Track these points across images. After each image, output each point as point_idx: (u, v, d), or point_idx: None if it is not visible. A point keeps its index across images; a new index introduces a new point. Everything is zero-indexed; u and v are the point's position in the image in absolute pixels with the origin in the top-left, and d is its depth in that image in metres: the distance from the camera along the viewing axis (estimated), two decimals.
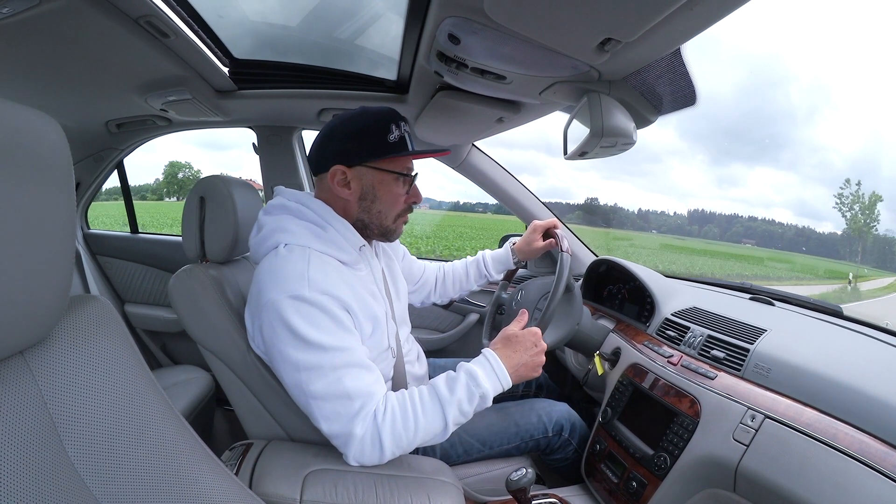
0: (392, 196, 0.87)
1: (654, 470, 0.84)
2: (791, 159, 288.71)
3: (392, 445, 0.75)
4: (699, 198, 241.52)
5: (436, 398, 0.78)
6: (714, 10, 0.56)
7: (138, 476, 0.45)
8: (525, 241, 1.22)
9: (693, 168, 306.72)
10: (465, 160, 1.66)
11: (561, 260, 0.98)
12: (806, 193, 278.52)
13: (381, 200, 0.87)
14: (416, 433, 0.76)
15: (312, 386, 0.73)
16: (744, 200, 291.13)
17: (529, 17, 0.63)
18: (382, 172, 0.85)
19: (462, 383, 0.79)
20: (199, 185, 0.98)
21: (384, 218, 0.88)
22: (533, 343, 0.85)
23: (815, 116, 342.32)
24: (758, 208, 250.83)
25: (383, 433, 0.74)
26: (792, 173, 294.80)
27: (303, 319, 0.74)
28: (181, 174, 68.09)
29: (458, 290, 1.29)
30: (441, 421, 0.77)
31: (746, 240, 61.58)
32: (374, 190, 0.86)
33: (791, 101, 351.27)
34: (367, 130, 0.83)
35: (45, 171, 0.39)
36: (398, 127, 0.84)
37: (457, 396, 0.78)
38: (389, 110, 0.86)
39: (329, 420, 0.74)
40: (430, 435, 0.78)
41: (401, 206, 0.90)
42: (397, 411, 0.76)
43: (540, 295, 1.08)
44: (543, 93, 0.93)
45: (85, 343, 0.46)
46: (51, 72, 1.16)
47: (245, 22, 1.10)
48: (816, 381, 0.73)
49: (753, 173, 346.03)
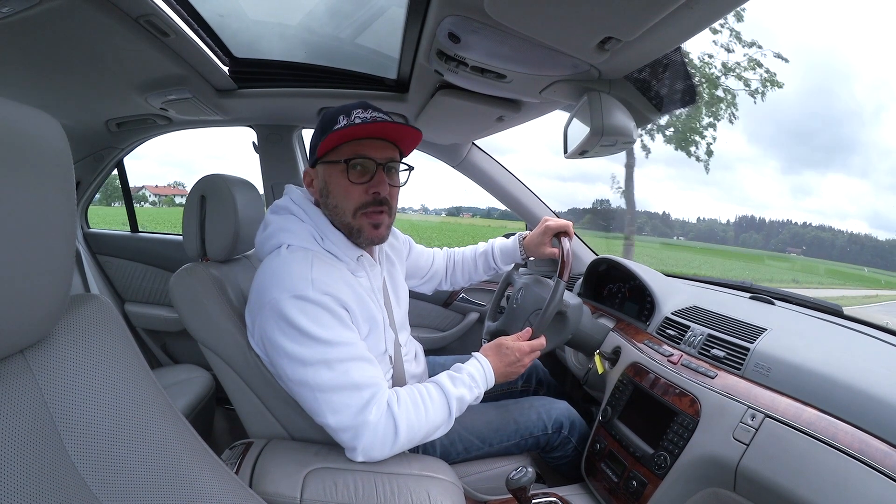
0: (341, 187, 0.83)
1: (655, 469, 0.84)
2: (862, 165, 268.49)
3: (406, 431, 0.77)
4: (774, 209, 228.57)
5: (441, 392, 0.84)
6: (714, 9, 0.56)
7: (139, 475, 0.45)
8: (534, 240, 1.19)
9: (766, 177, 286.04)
10: (465, 159, 1.66)
11: (554, 286, 0.98)
12: (880, 204, 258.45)
13: (333, 194, 0.84)
14: (426, 421, 0.80)
15: (319, 379, 0.74)
16: (819, 212, 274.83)
17: (529, 15, 0.63)
18: (329, 165, 0.84)
19: (464, 382, 0.86)
20: (200, 184, 0.98)
21: (342, 213, 0.84)
22: (518, 359, 0.94)
23: (881, 115, 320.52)
24: (833, 220, 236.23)
25: (399, 419, 0.77)
26: (865, 180, 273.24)
27: (306, 317, 0.74)
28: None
29: (467, 279, 1.31)
30: (446, 411, 0.83)
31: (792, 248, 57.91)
32: (327, 185, 0.85)
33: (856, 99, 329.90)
34: (321, 126, 0.84)
35: (45, 170, 0.39)
36: (348, 116, 0.81)
37: (460, 391, 0.84)
38: (352, 103, 0.83)
39: (337, 412, 0.74)
40: (436, 425, 0.82)
41: (356, 198, 0.83)
42: (408, 401, 0.80)
43: (534, 307, 1.08)
44: (543, 91, 0.93)
45: (85, 342, 0.46)
46: (51, 71, 1.16)
47: (245, 21, 1.10)
48: (817, 380, 0.73)
49: (826, 181, 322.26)
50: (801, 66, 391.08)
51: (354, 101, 0.85)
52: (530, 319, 1.08)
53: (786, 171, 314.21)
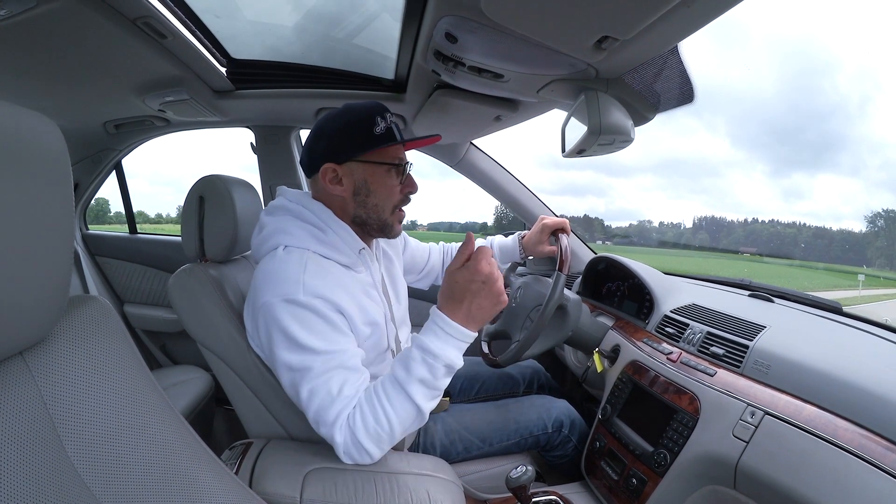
0: (386, 188, 0.86)
1: (654, 467, 0.85)
2: (852, 162, 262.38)
3: (373, 445, 0.73)
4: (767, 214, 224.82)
5: (396, 383, 0.74)
6: (711, 7, 0.56)
7: (138, 476, 0.45)
8: (533, 239, 1.21)
9: (756, 181, 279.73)
10: (464, 158, 1.66)
11: (555, 280, 0.98)
12: (873, 202, 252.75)
13: (375, 193, 0.86)
14: (391, 425, 0.72)
15: (302, 389, 0.74)
16: (812, 214, 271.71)
17: (526, 15, 0.63)
18: (373, 165, 0.85)
19: (417, 360, 0.73)
20: (199, 185, 0.98)
21: (381, 211, 0.87)
22: (474, 279, 0.74)
23: (867, 107, 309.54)
24: (828, 221, 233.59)
25: (359, 435, 0.72)
26: (856, 179, 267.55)
27: (296, 322, 0.74)
28: None
29: None
30: (410, 404, 0.73)
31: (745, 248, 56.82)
32: (367, 184, 0.85)
33: (839, 91, 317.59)
34: (353, 125, 0.83)
35: (43, 172, 0.39)
36: (383, 118, 0.84)
37: (416, 375, 0.73)
38: (374, 104, 0.85)
39: (318, 423, 0.75)
40: (407, 422, 0.74)
41: (396, 197, 0.88)
42: (366, 409, 0.73)
43: (534, 304, 1.08)
44: (541, 91, 0.93)
45: (84, 343, 0.46)
46: (49, 73, 1.16)
47: (242, 22, 1.10)
48: (816, 377, 0.73)
49: (816, 182, 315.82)
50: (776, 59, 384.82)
51: (369, 101, 0.87)
52: (531, 316, 1.08)
53: (774, 174, 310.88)
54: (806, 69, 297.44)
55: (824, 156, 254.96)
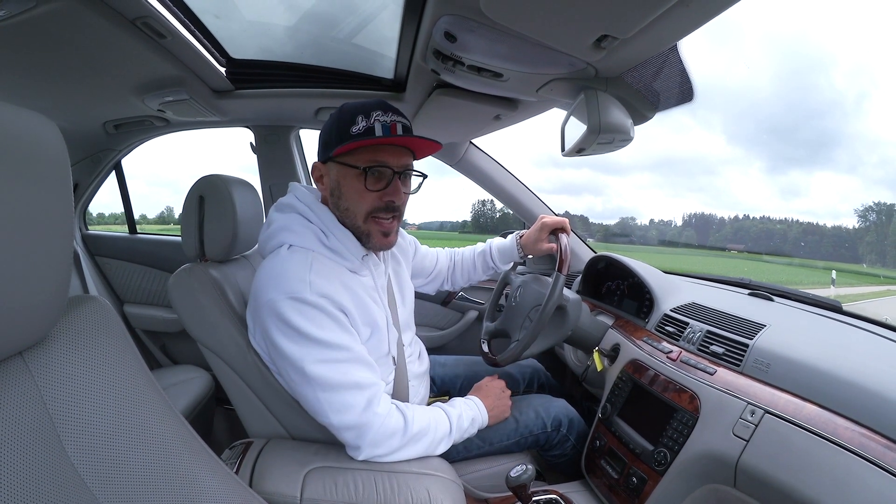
0: (354, 191, 0.82)
1: (655, 466, 0.85)
2: (849, 160, 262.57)
3: (415, 424, 0.82)
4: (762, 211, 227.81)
5: (441, 410, 0.91)
6: (710, 6, 0.56)
7: (138, 475, 0.45)
8: (531, 237, 1.20)
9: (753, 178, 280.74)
10: (463, 158, 1.66)
11: (554, 280, 0.98)
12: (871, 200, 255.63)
13: (345, 196, 0.83)
14: (430, 427, 0.85)
15: (321, 380, 0.74)
16: (810, 212, 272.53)
17: (526, 14, 0.63)
18: (345, 166, 0.82)
19: (456, 405, 0.94)
20: (199, 185, 0.98)
21: (353, 216, 0.84)
22: (497, 393, 1.03)
23: (864, 104, 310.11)
24: (826, 219, 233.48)
25: (406, 412, 0.82)
26: (853, 176, 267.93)
27: (304, 318, 0.74)
28: None
29: (466, 279, 1.32)
30: (446, 423, 0.89)
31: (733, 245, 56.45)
32: (339, 185, 0.84)
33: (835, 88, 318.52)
34: (336, 122, 0.82)
35: (43, 172, 0.39)
36: (367, 117, 0.78)
37: (457, 411, 0.92)
38: (370, 102, 0.81)
39: (340, 412, 0.75)
40: (439, 434, 0.87)
41: (368, 203, 0.82)
42: (413, 406, 0.87)
43: (533, 304, 1.08)
44: (540, 90, 0.93)
45: (84, 343, 0.46)
46: (48, 73, 1.16)
47: (241, 22, 1.10)
48: (816, 376, 0.73)
49: (813, 179, 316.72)
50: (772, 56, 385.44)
51: (369, 99, 0.83)
52: (530, 316, 1.08)
53: (771, 171, 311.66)
54: (802, 66, 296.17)
55: (820, 153, 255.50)
